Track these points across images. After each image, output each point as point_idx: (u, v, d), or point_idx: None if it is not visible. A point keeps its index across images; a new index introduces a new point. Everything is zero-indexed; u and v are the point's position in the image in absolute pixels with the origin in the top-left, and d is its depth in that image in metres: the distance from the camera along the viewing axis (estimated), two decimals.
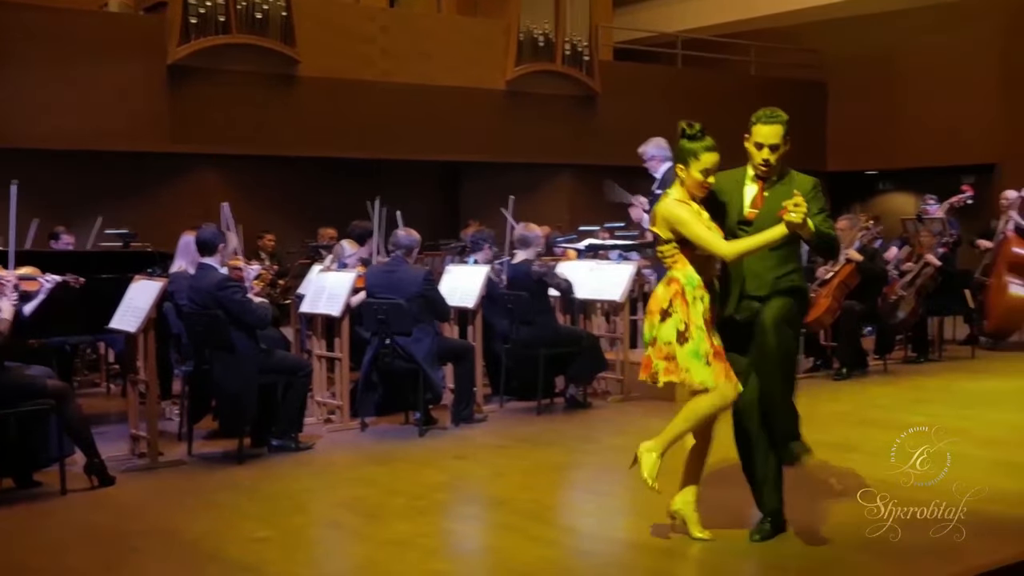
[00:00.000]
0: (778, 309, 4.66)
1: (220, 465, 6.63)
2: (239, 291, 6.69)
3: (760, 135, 4.71)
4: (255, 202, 13.85)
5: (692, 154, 4.66)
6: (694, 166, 4.65)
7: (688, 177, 4.68)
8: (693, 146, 4.66)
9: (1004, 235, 11.50)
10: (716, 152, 4.67)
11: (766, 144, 4.70)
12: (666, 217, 4.67)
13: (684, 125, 4.72)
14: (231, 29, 12.50)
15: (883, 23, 17.27)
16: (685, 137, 4.70)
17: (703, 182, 4.67)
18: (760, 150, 4.72)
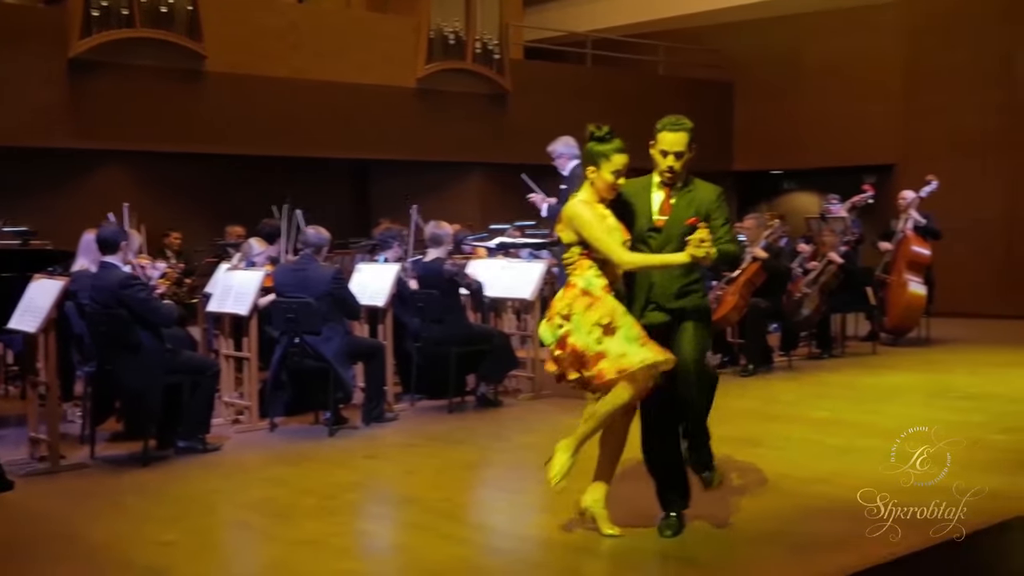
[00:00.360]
0: (695, 346, 4.74)
1: (124, 468, 6.50)
2: (143, 289, 6.57)
3: (665, 142, 4.77)
4: (161, 199, 13.61)
5: (603, 156, 4.71)
6: (605, 168, 4.70)
7: (599, 179, 4.73)
8: (604, 148, 4.71)
9: (903, 234, 11.81)
10: (626, 154, 4.72)
11: (671, 151, 4.76)
12: (571, 218, 4.71)
13: (593, 128, 4.77)
14: (135, 23, 12.23)
15: (788, 25, 17.59)
16: (595, 140, 4.75)
17: (613, 183, 4.72)
18: (665, 157, 4.77)
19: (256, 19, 13.61)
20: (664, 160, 4.78)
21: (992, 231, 15.50)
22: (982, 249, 15.39)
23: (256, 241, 9.09)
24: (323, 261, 7.78)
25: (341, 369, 7.35)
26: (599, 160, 4.72)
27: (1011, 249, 15.47)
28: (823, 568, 4.42)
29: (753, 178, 18.98)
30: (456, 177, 15.86)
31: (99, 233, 6.73)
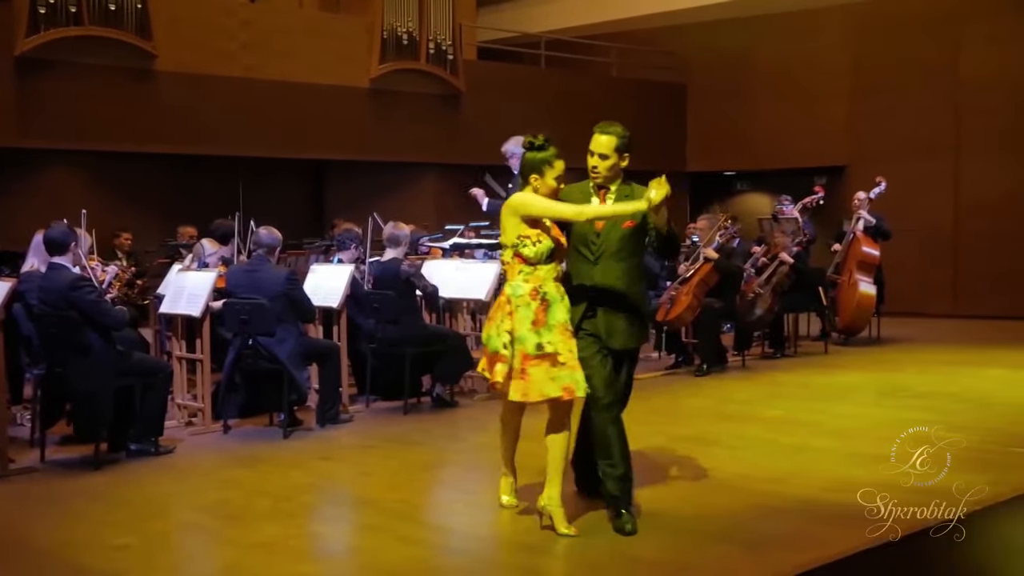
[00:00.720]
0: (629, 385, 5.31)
1: (75, 471, 6.42)
2: (92, 291, 6.48)
3: (593, 143, 4.98)
4: (111, 200, 13.43)
5: (546, 163, 4.89)
6: (549, 174, 4.89)
7: (543, 185, 4.90)
8: (546, 155, 4.90)
9: (854, 234, 11.95)
10: (562, 159, 4.93)
11: (596, 152, 4.97)
12: (515, 208, 4.89)
13: (530, 138, 4.95)
14: (83, 21, 12.06)
15: (740, 28, 17.73)
16: (535, 149, 4.93)
17: (557, 188, 4.92)
18: (592, 157, 4.99)
19: (207, 17, 13.49)
20: (590, 160, 5.00)
21: (941, 232, 15.73)
22: (931, 250, 15.63)
23: (208, 242, 9.02)
24: (276, 262, 7.72)
25: (295, 370, 7.31)
26: (543, 167, 4.89)
27: (959, 250, 15.70)
28: (777, 566, 4.46)
29: (706, 179, 19.10)
30: (410, 177, 15.82)
31: (47, 234, 6.62)
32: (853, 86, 16.75)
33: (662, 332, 10.96)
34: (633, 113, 17.30)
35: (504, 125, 10.40)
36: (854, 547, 4.63)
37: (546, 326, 4.81)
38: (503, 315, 4.88)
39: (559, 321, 4.84)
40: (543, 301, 4.84)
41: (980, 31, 15.49)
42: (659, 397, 8.80)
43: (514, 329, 4.82)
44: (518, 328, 4.82)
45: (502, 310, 4.90)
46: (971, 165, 15.58)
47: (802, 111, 17.06)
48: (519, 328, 4.81)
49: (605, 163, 4.96)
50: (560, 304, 4.88)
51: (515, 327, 4.82)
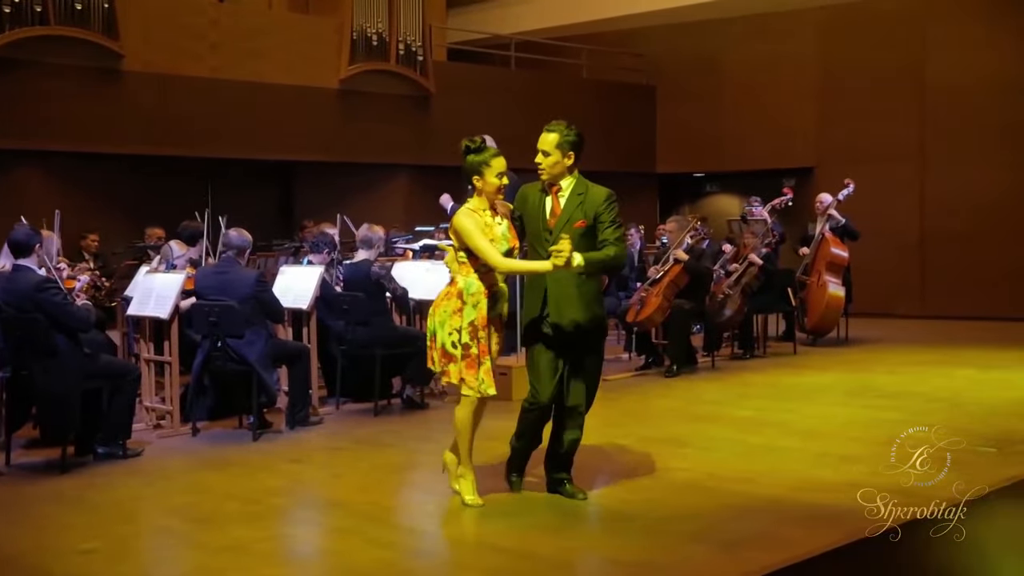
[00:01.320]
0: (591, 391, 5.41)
1: (42, 475, 6.35)
2: (58, 292, 6.41)
3: (539, 140, 5.22)
4: (78, 201, 13.30)
5: (484, 164, 5.15)
6: (488, 173, 5.15)
7: (485, 184, 5.16)
8: (483, 157, 5.16)
9: (823, 236, 12.02)
10: (502, 156, 5.19)
11: (540, 149, 5.21)
12: (455, 228, 5.16)
13: (467, 142, 5.20)
14: (49, 20, 11.95)
15: (708, 30, 17.81)
16: (471, 152, 5.19)
17: (499, 185, 5.17)
18: (538, 154, 5.22)
19: (175, 17, 13.40)
20: (537, 156, 5.23)
21: (908, 233, 15.86)
22: (899, 250, 15.75)
23: (176, 243, 8.95)
24: (246, 264, 7.67)
25: (265, 373, 7.26)
26: (481, 168, 5.15)
27: (926, 250, 15.84)
28: (747, 566, 4.46)
29: (675, 180, 19.17)
30: (380, 179, 15.77)
31: (12, 236, 6.52)
32: (821, 88, 16.86)
33: (632, 333, 10.98)
34: (603, 115, 17.36)
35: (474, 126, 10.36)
36: (823, 546, 4.65)
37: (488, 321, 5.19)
38: (452, 310, 5.13)
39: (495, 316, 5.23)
40: (492, 297, 5.17)
41: (946, 35, 15.64)
42: (629, 398, 8.81)
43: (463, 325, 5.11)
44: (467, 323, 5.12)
45: (450, 303, 5.15)
46: (937, 167, 15.72)
47: (771, 113, 17.15)
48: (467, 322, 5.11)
49: (548, 160, 5.18)
50: (503, 302, 5.28)
51: (463, 323, 5.11)
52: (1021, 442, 6.75)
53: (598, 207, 5.15)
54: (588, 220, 5.09)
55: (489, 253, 5.04)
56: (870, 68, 16.20)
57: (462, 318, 5.12)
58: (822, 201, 12.24)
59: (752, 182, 17.20)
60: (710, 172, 18.90)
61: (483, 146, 5.17)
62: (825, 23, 16.82)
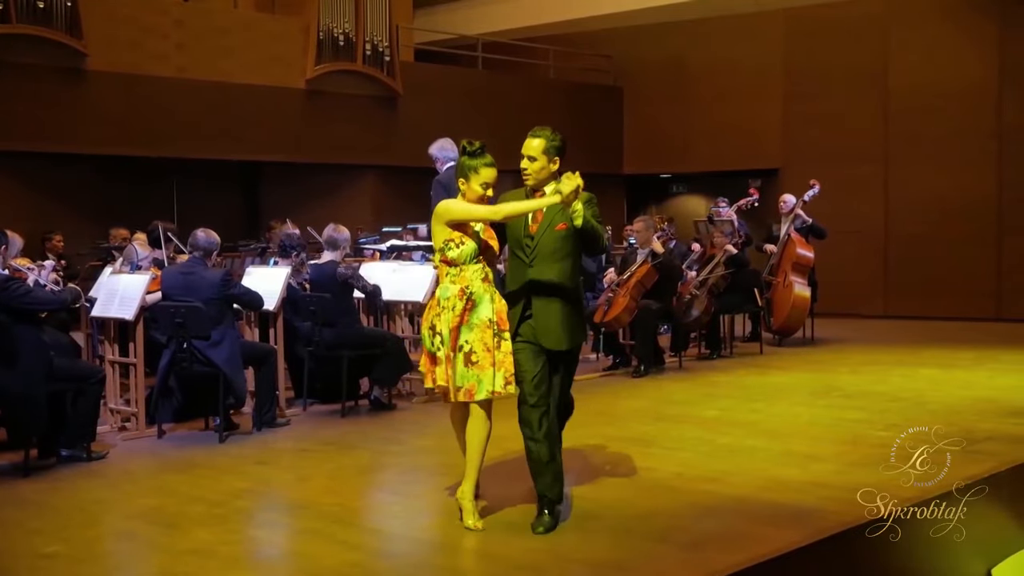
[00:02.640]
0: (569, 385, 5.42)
1: (4, 478, 6.29)
2: (20, 286, 6.34)
3: (524, 146, 5.15)
4: (41, 201, 13.22)
5: (472, 169, 5.08)
6: (474, 180, 5.08)
7: (469, 190, 5.10)
8: (473, 162, 5.08)
9: (788, 236, 12.09)
10: (494, 167, 5.10)
11: (526, 155, 5.14)
12: (439, 214, 5.06)
13: (465, 143, 5.13)
14: (10, 18, 11.83)
15: (674, 31, 17.89)
16: (466, 154, 5.12)
17: (482, 195, 5.09)
18: (523, 160, 5.15)
19: (139, 16, 13.29)
20: (522, 162, 5.15)
21: (872, 234, 15.99)
22: (863, 251, 15.88)
23: (139, 244, 8.87)
24: (212, 265, 7.63)
25: (232, 374, 7.22)
26: (468, 173, 5.09)
27: (890, 251, 15.98)
28: (714, 565, 4.49)
29: (642, 181, 19.25)
30: (348, 179, 15.74)
31: None
32: (786, 90, 16.98)
33: (600, 334, 11.01)
34: (570, 115, 17.39)
35: (441, 127, 10.39)
36: (789, 545, 4.68)
37: (467, 324, 5.00)
38: (433, 315, 5.08)
39: (481, 320, 5.00)
40: (469, 300, 5.01)
41: (909, 39, 15.79)
42: (597, 398, 8.83)
43: (440, 329, 5.02)
44: (443, 328, 5.01)
45: (432, 311, 5.10)
46: (901, 169, 15.86)
47: (737, 114, 17.25)
48: (443, 328, 5.01)
49: (534, 165, 5.12)
50: (486, 303, 5.03)
51: (441, 327, 5.02)
52: (983, 441, 6.81)
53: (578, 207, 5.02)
54: (569, 224, 5.02)
55: (480, 210, 5.03)
56: (835, 70, 16.34)
57: (440, 322, 5.03)
58: (785, 202, 12.32)
59: (719, 183, 17.31)
60: (677, 173, 18.98)
61: (479, 151, 5.08)
62: (790, 25, 16.94)
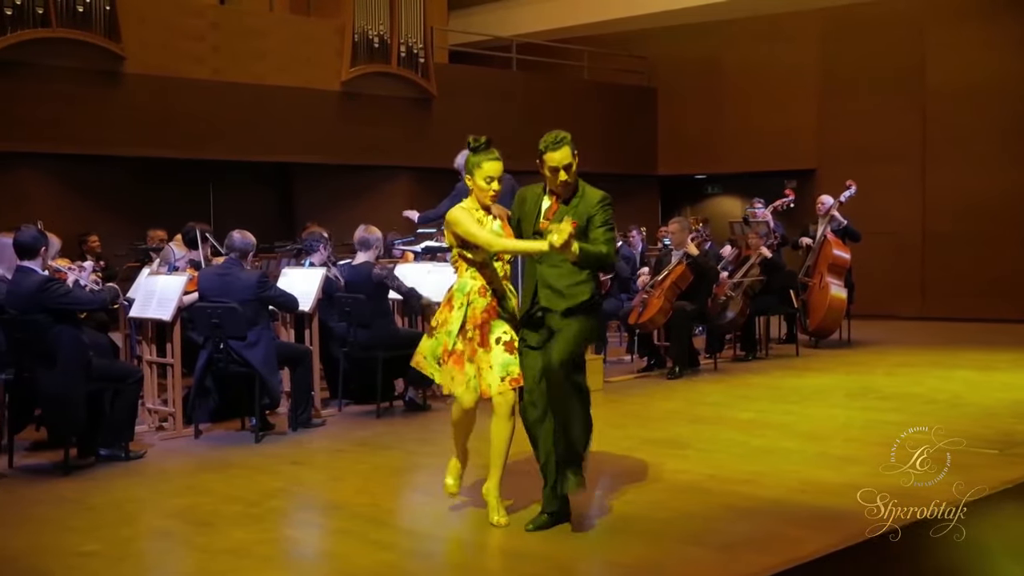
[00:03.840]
0: (565, 346, 4.97)
1: (44, 477, 6.36)
2: (60, 286, 6.41)
3: (553, 160, 5.05)
4: (80, 203, 13.34)
5: (476, 165, 5.13)
6: (478, 175, 5.13)
7: (474, 185, 5.16)
8: (477, 158, 5.14)
9: (825, 237, 12.02)
10: (499, 161, 5.13)
11: (559, 167, 5.05)
12: (448, 221, 5.15)
13: (471, 139, 5.18)
14: (51, 22, 11.97)
15: (709, 32, 17.82)
16: (471, 150, 5.17)
17: (487, 188, 5.12)
18: (556, 174, 5.06)
19: (176, 20, 13.40)
20: (555, 176, 5.07)
21: (909, 234, 15.86)
22: (900, 252, 15.76)
23: (176, 245, 8.94)
24: (249, 266, 7.68)
25: (267, 375, 7.27)
26: (473, 169, 5.14)
27: (927, 252, 15.84)
28: (748, 568, 4.47)
29: (677, 182, 19.18)
30: (382, 181, 15.78)
31: (18, 237, 6.51)
32: (822, 90, 16.87)
33: (634, 335, 10.98)
34: (604, 116, 17.37)
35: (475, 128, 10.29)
36: (825, 548, 4.65)
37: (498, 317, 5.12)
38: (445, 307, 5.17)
39: (509, 311, 5.17)
40: (494, 295, 5.12)
41: (947, 37, 15.64)
42: (631, 400, 8.82)
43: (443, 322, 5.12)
44: (452, 324, 5.09)
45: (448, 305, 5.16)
46: (938, 169, 15.72)
47: (771, 114, 17.15)
48: (452, 324, 5.08)
49: (571, 172, 5.08)
50: (510, 297, 5.21)
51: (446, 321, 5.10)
52: (1021, 444, 6.74)
53: (591, 208, 5.08)
54: (581, 222, 4.99)
55: (481, 235, 5.02)
56: (871, 70, 16.21)
57: (452, 318, 5.09)
58: (823, 203, 12.24)
59: (754, 184, 17.22)
60: (711, 174, 18.90)
61: (483, 147, 5.12)
62: (826, 25, 16.83)
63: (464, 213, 5.09)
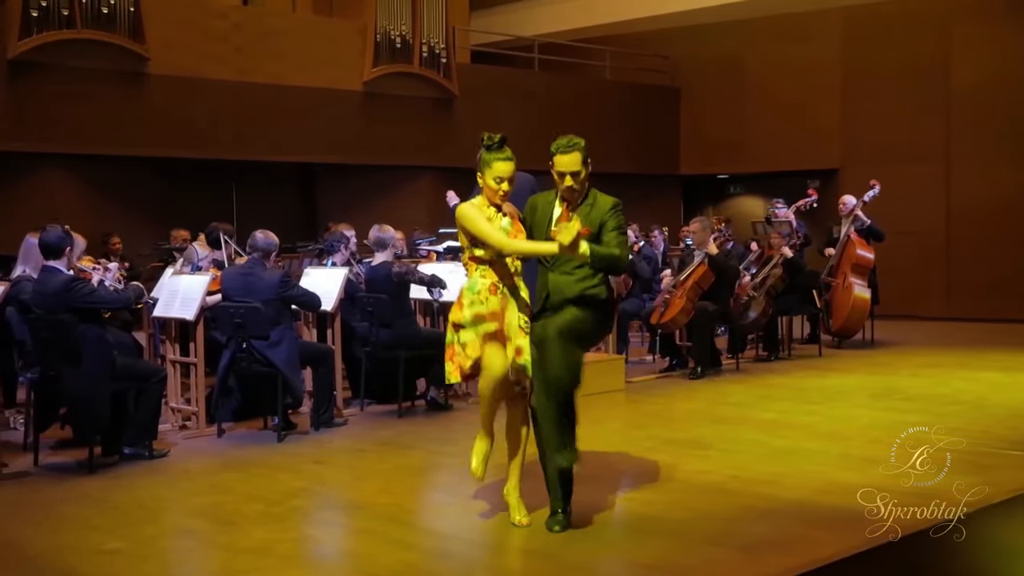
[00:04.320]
0: (566, 321, 4.98)
1: (69, 475, 6.40)
2: (85, 285, 6.46)
3: (561, 164, 5.06)
4: (104, 203, 13.43)
5: (486, 164, 5.08)
6: (488, 174, 5.07)
7: (484, 184, 5.10)
8: (488, 156, 5.08)
9: (848, 237, 11.96)
10: (511, 161, 5.06)
11: (567, 172, 5.05)
12: (458, 219, 5.10)
13: (485, 136, 5.13)
14: (76, 24, 12.06)
15: (731, 31, 17.76)
16: (484, 148, 5.11)
17: (497, 189, 5.05)
18: (563, 179, 5.07)
19: (200, 20, 13.48)
20: (562, 181, 5.07)
21: (933, 235, 15.76)
22: (924, 252, 15.66)
23: (199, 245, 8.99)
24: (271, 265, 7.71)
25: (290, 374, 7.29)
26: (483, 167, 5.09)
27: (952, 252, 15.73)
28: (771, 569, 4.45)
29: (699, 182, 19.12)
30: (403, 181, 15.81)
31: (43, 237, 6.56)
32: (845, 89, 16.79)
33: (656, 335, 10.96)
34: (626, 116, 17.34)
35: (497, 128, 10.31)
36: (848, 549, 4.63)
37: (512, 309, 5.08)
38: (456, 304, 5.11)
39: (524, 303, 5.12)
40: (503, 295, 5.06)
41: (972, 34, 15.53)
42: (653, 400, 8.80)
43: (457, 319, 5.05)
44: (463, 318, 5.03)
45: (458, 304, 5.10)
46: (963, 168, 15.62)
47: (794, 114, 17.08)
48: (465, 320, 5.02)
49: (577, 180, 5.06)
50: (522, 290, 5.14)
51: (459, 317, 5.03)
52: None
53: (604, 214, 5.09)
54: (593, 228, 5.01)
55: (491, 235, 4.98)
56: (895, 68, 16.12)
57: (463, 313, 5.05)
58: (845, 203, 12.18)
59: (776, 183, 17.14)
60: (734, 173, 18.83)
61: (496, 145, 5.07)
62: (849, 23, 16.74)
63: (474, 210, 5.05)
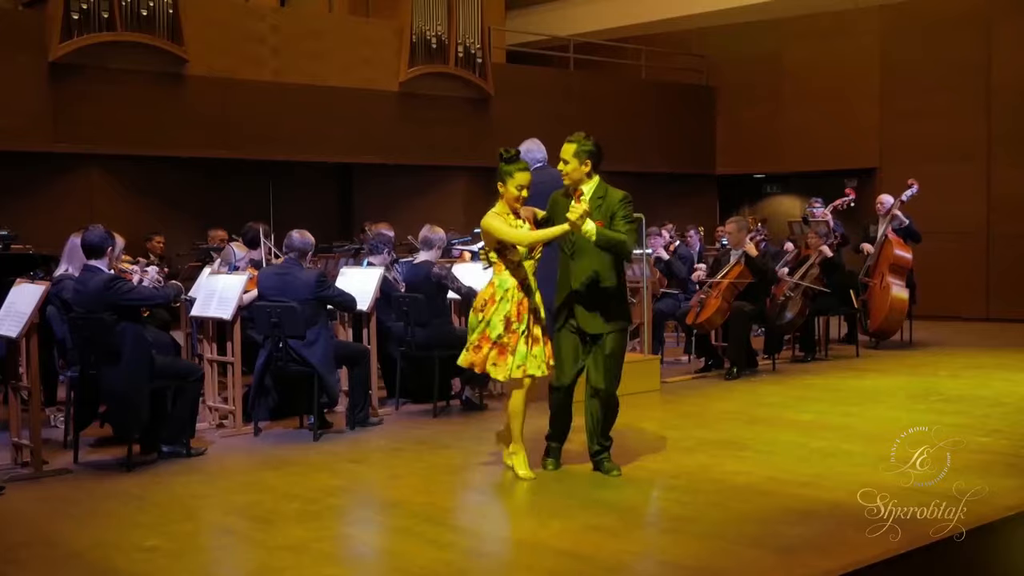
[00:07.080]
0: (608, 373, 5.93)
1: (108, 473, 6.47)
2: (125, 283, 6.53)
3: (562, 149, 5.90)
4: (143, 203, 13.55)
5: (508, 174, 5.80)
6: (511, 184, 5.79)
7: (506, 193, 5.81)
8: (508, 168, 5.80)
9: (886, 237, 11.86)
10: (528, 172, 5.84)
11: (561, 157, 5.89)
12: (483, 228, 5.77)
13: (502, 150, 5.84)
14: (116, 26, 12.17)
15: (768, 30, 17.66)
16: (503, 160, 5.82)
17: (518, 196, 5.79)
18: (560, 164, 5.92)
19: (238, 22, 13.57)
20: (559, 164, 5.93)
21: (974, 234, 15.60)
22: (964, 252, 15.49)
23: (236, 245, 9.05)
24: (307, 266, 7.75)
25: (326, 373, 7.33)
26: (505, 178, 5.80)
27: (991, 252, 15.56)
28: (809, 571, 4.43)
29: (735, 182, 19.03)
30: (439, 181, 15.85)
31: (85, 237, 6.64)
32: (883, 87, 16.64)
33: (692, 336, 10.92)
34: (662, 116, 17.29)
35: (533, 128, 10.40)
36: (886, 552, 4.59)
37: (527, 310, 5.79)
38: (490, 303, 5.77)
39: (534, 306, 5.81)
40: (527, 291, 5.77)
41: (1012, 32, 15.35)
42: (689, 401, 8.77)
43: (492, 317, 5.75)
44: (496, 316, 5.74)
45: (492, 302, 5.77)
46: (1004, 167, 15.43)
47: (832, 113, 16.96)
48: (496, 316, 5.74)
49: (567, 167, 5.85)
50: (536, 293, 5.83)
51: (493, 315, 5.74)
52: None
53: (615, 206, 5.80)
54: (605, 221, 5.72)
55: (513, 234, 5.69)
56: (934, 66, 15.96)
57: (497, 311, 5.73)
58: (883, 203, 12.08)
59: (813, 183, 17.03)
60: (770, 173, 18.72)
61: (514, 157, 5.80)
62: (887, 21, 16.60)
63: (498, 219, 5.72)
